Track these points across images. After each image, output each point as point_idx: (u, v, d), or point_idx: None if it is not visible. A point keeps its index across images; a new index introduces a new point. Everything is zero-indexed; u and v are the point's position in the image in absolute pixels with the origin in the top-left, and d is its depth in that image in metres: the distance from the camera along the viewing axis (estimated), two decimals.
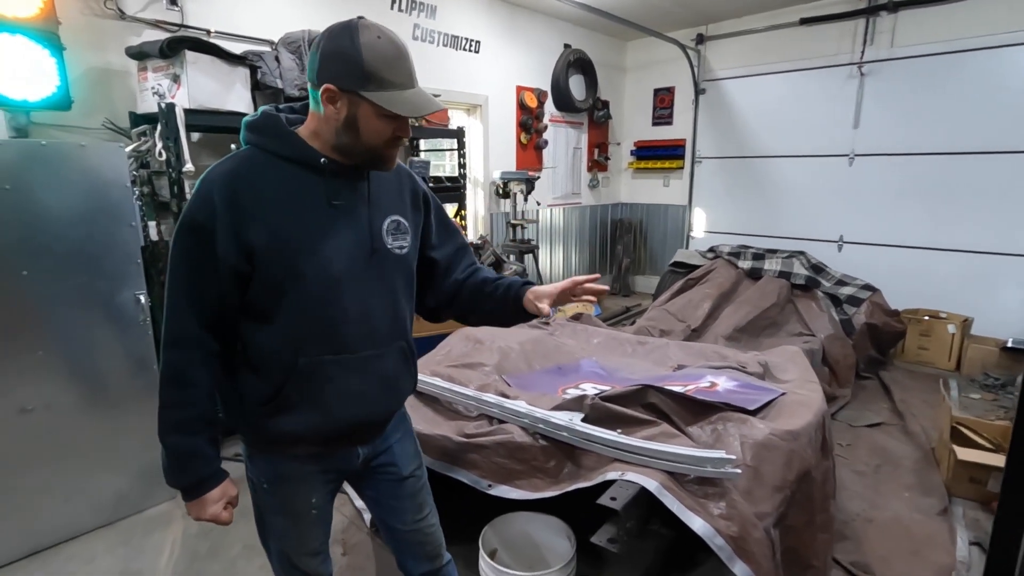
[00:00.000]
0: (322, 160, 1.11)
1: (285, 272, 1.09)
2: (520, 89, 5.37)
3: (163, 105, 2.58)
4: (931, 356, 4.38)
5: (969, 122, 4.53)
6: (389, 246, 1.20)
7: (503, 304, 1.35)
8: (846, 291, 4.27)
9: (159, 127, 2.63)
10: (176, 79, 2.65)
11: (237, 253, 1.06)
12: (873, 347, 4.16)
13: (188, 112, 2.64)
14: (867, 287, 4.31)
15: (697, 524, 1.43)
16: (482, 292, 1.37)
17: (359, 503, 2.54)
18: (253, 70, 2.87)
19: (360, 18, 1.06)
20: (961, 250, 4.67)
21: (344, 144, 1.10)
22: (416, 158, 4.11)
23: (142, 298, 2.45)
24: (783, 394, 2.02)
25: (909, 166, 4.87)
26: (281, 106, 1.20)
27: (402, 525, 1.39)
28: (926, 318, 4.43)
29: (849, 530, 2.38)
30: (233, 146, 3.16)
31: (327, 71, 1.04)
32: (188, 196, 2.72)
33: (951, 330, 4.28)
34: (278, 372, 1.13)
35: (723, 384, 2.07)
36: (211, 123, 2.81)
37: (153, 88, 2.71)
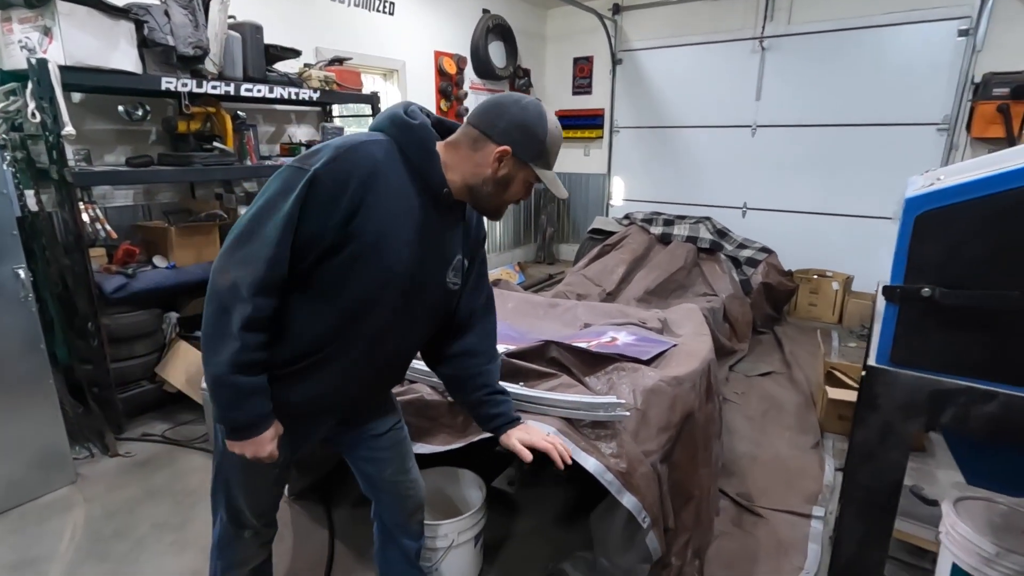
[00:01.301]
0: (444, 191, 1.18)
1: (368, 270, 1.12)
2: (439, 54, 5.28)
3: (33, 61, 2.35)
4: (819, 312, 4.84)
5: (854, 96, 4.94)
6: (450, 281, 1.28)
7: (480, 423, 1.49)
8: (746, 253, 4.60)
9: (30, 85, 2.40)
10: (47, 32, 2.41)
11: (337, 231, 1.07)
12: (769, 305, 4.54)
13: (65, 70, 2.42)
14: (764, 249, 4.67)
15: (590, 463, 1.56)
16: (476, 398, 1.43)
17: None
18: (139, 25, 2.65)
19: (539, 100, 1.21)
20: (845, 214, 5.14)
21: (484, 193, 1.19)
22: (329, 124, 3.97)
23: (21, 273, 2.27)
24: (675, 345, 2.19)
25: (804, 137, 5.26)
26: (425, 111, 1.21)
27: (382, 476, 1.47)
28: (815, 277, 4.88)
29: (736, 467, 2.64)
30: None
31: (510, 137, 1.14)
32: (70, 159, 2.52)
33: (835, 287, 4.74)
34: (306, 347, 1.16)
35: (622, 339, 2.22)
36: (94, 82, 2.59)
37: (21, 42, 2.46)
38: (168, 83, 2.78)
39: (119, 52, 2.61)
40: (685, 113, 5.90)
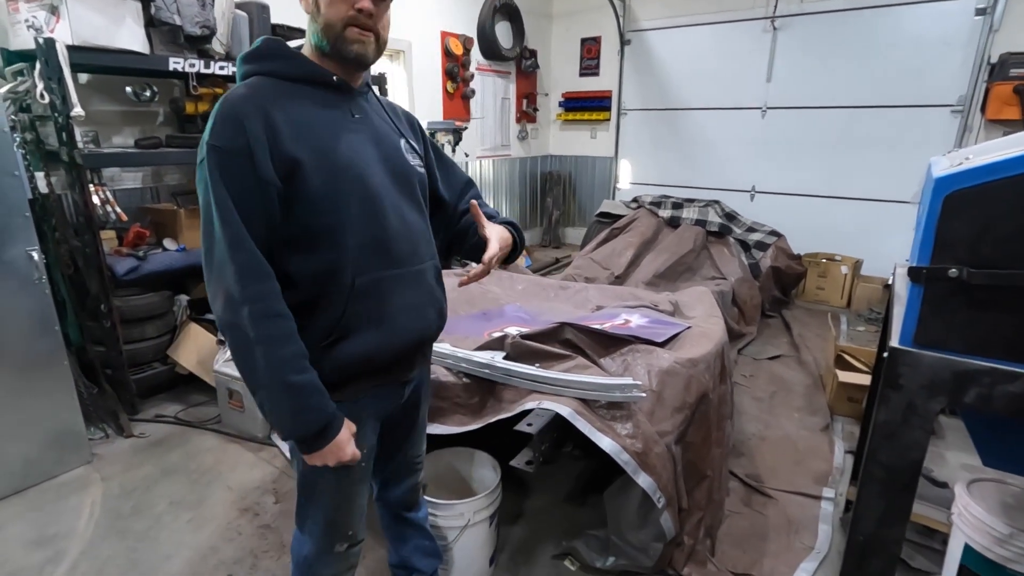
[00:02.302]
0: (334, 77, 1.12)
1: (330, 188, 1.07)
2: (445, 35, 5.21)
3: (41, 41, 2.33)
4: (827, 295, 4.83)
5: (867, 77, 4.86)
6: (411, 163, 1.22)
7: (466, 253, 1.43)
8: (755, 237, 4.58)
9: (38, 66, 2.38)
10: (54, 11, 2.39)
11: (278, 173, 1.02)
12: (777, 288, 4.53)
13: (72, 49, 2.40)
14: (773, 233, 4.64)
15: (606, 443, 1.57)
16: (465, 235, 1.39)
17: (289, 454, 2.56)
18: (146, 4, 2.62)
19: None
20: (855, 198, 5.10)
21: (320, 39, 1.09)
22: None
23: (35, 255, 2.28)
24: (688, 328, 2.19)
25: (815, 119, 5.19)
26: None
27: (405, 456, 1.45)
28: (823, 261, 4.85)
29: (745, 448, 2.66)
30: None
31: None
32: (80, 142, 2.51)
33: (844, 271, 4.72)
34: (337, 297, 1.09)
35: (635, 321, 2.22)
36: (102, 62, 2.57)
37: (27, 21, 2.43)
38: (176, 63, 2.75)
39: (126, 31, 2.58)
40: (694, 95, 5.83)
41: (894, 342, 1.13)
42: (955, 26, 4.43)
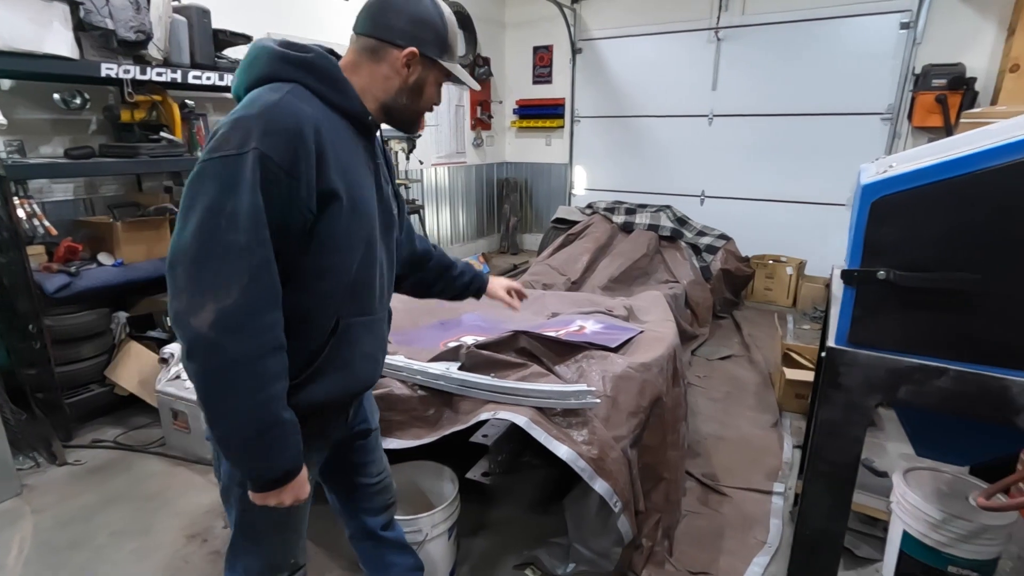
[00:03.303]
0: (369, 119, 1.10)
1: (350, 228, 1.04)
2: None
3: None
4: (774, 295, 5.02)
5: (805, 86, 5.10)
6: (394, 212, 1.23)
7: (464, 293, 1.58)
8: (705, 240, 4.72)
9: None
10: None
11: (317, 202, 0.97)
12: (728, 290, 4.67)
13: None
14: (722, 236, 4.79)
15: (562, 451, 1.57)
16: (448, 275, 1.53)
17: None
18: (74, 7, 2.48)
19: None
20: (797, 201, 5.33)
21: (399, 105, 1.11)
22: None
23: None
24: (641, 332, 2.23)
25: (758, 126, 5.40)
26: (283, 42, 1.06)
27: (368, 479, 1.42)
28: (770, 262, 5.04)
29: (702, 448, 2.72)
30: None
31: (412, 36, 1.06)
32: (2, 152, 2.35)
33: (789, 272, 4.92)
34: (319, 336, 1.06)
35: (590, 327, 2.25)
36: (26, 68, 2.41)
37: None
38: (108, 69, 2.62)
39: (53, 35, 2.44)
40: (645, 102, 5.97)
41: (831, 342, 1.18)
42: (883, 39, 4.71)
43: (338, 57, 1.11)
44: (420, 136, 5.06)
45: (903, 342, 1.11)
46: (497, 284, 1.64)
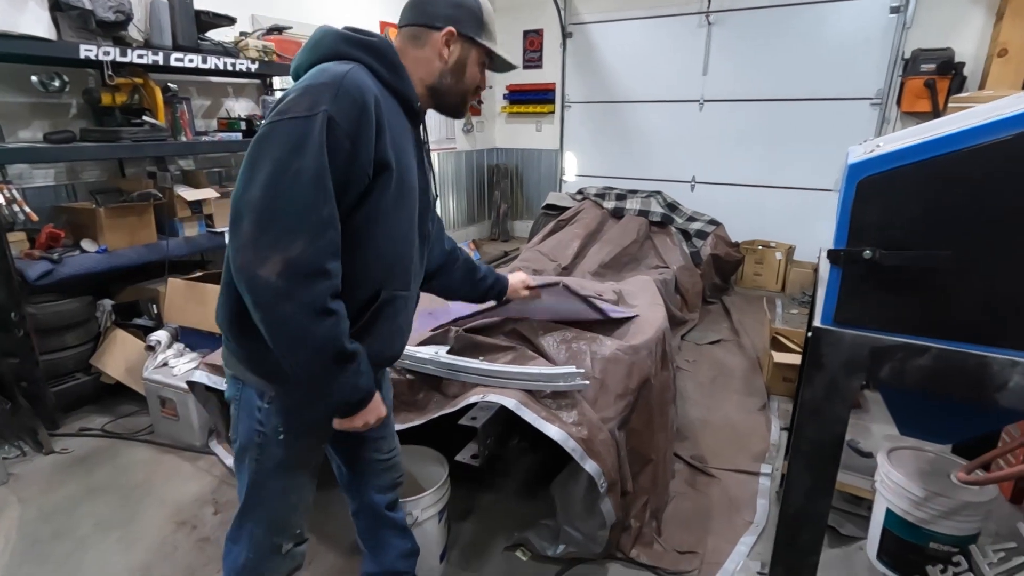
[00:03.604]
0: (418, 105, 1.15)
1: (397, 202, 1.09)
2: (384, 25, 5.09)
3: None
4: (764, 280, 5.05)
5: (795, 72, 5.09)
6: (431, 198, 1.27)
7: (487, 296, 1.70)
8: (695, 226, 4.72)
9: None
10: None
11: (368, 167, 1.02)
12: (717, 275, 4.69)
13: None
14: (712, 222, 4.80)
15: (553, 431, 1.58)
16: (472, 278, 1.62)
17: (229, 462, 2.46)
18: None
19: None
20: (787, 187, 5.34)
21: (444, 86, 1.17)
22: (270, 97, 3.78)
23: None
24: (637, 316, 2.23)
25: (748, 111, 5.39)
26: (347, 27, 1.13)
27: (380, 455, 1.44)
28: (759, 248, 5.07)
29: (689, 431, 2.75)
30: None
31: (450, 16, 1.12)
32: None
33: (778, 257, 4.95)
34: (359, 304, 1.11)
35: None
36: (2, 49, 2.35)
37: None
38: (88, 51, 2.56)
39: (28, 15, 2.38)
40: (635, 88, 5.94)
41: (816, 321, 1.18)
42: (872, 23, 4.70)
43: None
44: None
45: (887, 321, 1.11)
46: (517, 284, 1.76)
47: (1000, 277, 1.00)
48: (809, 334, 1.23)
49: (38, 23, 2.41)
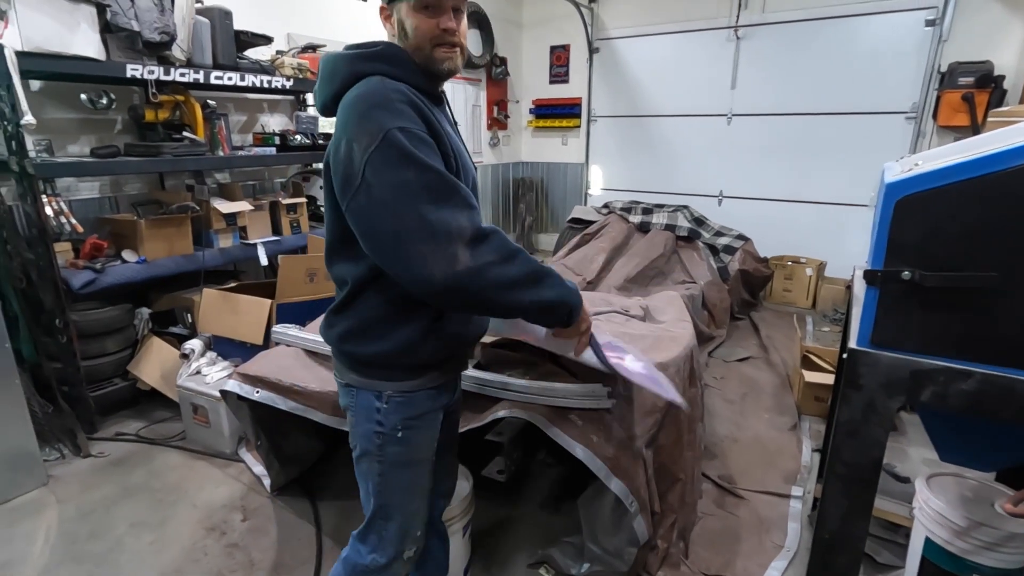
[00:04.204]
0: (436, 89, 1.19)
1: (463, 181, 1.13)
2: None
3: None
4: (793, 297, 4.95)
5: (826, 85, 5.02)
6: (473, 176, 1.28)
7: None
8: (723, 241, 4.67)
9: None
10: (2, 15, 2.30)
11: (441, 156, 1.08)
12: (745, 291, 4.62)
13: (22, 56, 2.31)
14: (740, 237, 4.74)
15: (579, 451, 1.57)
16: None
17: (257, 469, 2.50)
18: (101, 9, 2.54)
19: None
20: (817, 202, 5.25)
21: (414, 56, 1.15)
22: (303, 113, 3.88)
23: None
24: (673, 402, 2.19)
25: (778, 125, 5.33)
26: (349, 46, 1.18)
27: (446, 457, 1.46)
28: (789, 263, 4.98)
29: (718, 450, 2.70)
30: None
31: None
32: (30, 150, 2.41)
33: (808, 273, 4.85)
34: None
35: (628, 363, 2.15)
36: (54, 69, 2.48)
37: None
38: (134, 70, 2.67)
39: (80, 37, 2.50)
40: (662, 102, 5.93)
41: (852, 343, 1.16)
42: (907, 36, 4.61)
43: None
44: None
45: (927, 343, 1.08)
46: None
47: None
48: (844, 355, 1.20)
49: (89, 44, 2.53)
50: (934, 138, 4.59)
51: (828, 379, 2.87)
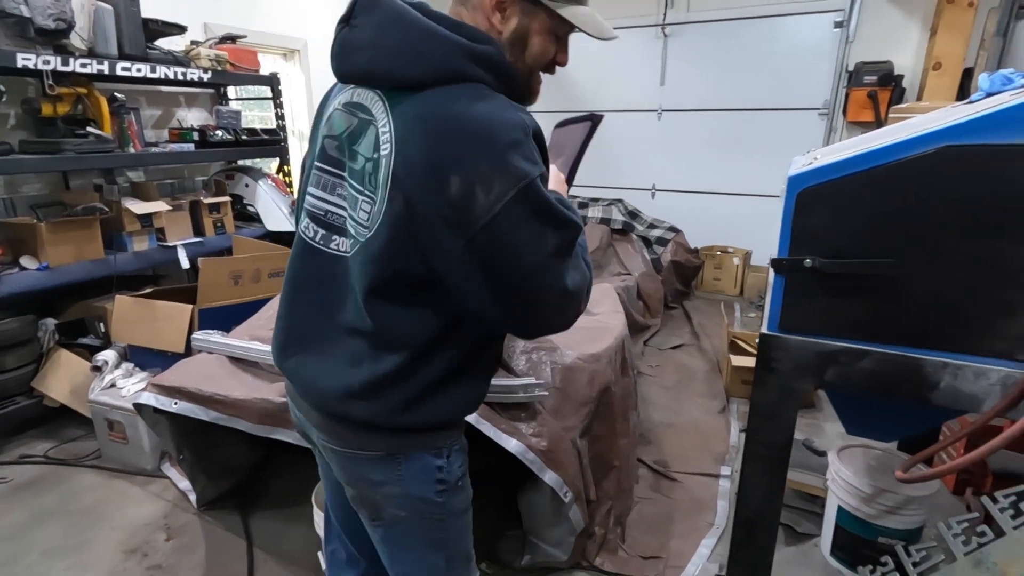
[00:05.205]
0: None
1: None
2: None
3: None
4: (723, 285, 5.18)
5: (748, 83, 5.26)
6: None
7: None
8: (655, 233, 4.82)
9: None
10: None
11: None
12: (678, 281, 4.79)
13: None
14: (672, 229, 4.91)
15: (512, 445, 1.58)
16: None
17: (183, 484, 2.37)
18: None
19: None
20: (743, 194, 5.50)
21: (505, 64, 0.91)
22: (223, 107, 3.69)
23: None
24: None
25: (705, 121, 5.54)
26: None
27: None
28: (718, 253, 5.20)
29: (653, 436, 2.79)
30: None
31: None
32: None
33: (736, 262, 5.09)
34: (475, 340, 0.98)
35: None
36: None
37: None
38: (26, 60, 2.45)
39: None
40: (596, 97, 6.03)
41: (764, 328, 1.22)
42: (818, 37, 4.91)
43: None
44: None
45: (829, 327, 1.16)
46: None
47: (933, 283, 1.05)
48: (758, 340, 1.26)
49: None
50: (844, 132, 4.91)
51: (752, 362, 3.02)
